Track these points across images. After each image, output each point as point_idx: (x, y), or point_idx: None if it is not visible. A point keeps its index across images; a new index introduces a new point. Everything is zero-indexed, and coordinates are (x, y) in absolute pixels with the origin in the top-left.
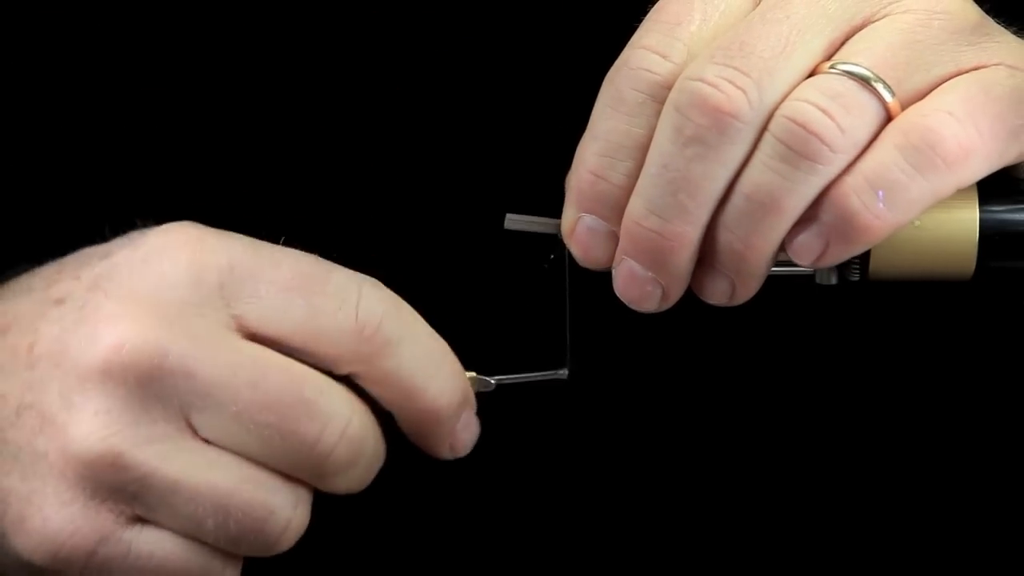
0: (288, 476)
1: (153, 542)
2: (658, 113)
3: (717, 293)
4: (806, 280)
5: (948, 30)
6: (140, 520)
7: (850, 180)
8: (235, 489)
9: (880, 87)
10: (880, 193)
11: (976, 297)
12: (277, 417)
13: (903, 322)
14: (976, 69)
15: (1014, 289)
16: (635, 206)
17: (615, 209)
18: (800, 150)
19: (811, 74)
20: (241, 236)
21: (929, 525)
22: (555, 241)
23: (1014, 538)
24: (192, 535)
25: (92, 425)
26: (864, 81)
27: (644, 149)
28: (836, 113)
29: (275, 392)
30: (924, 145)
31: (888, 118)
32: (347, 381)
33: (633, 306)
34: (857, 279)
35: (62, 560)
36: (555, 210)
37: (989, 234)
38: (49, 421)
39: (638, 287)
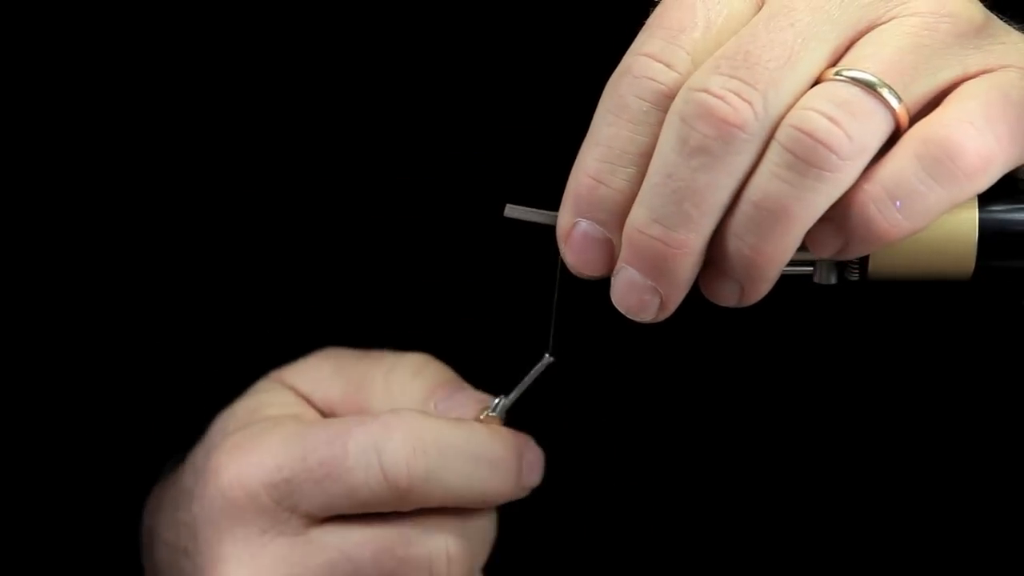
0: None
1: None
2: (661, 121)
3: (726, 296)
4: (806, 280)
5: (954, 33)
6: None
7: (868, 188)
8: None
9: (886, 93)
10: (898, 202)
11: (976, 297)
12: None
13: (903, 322)
14: (984, 73)
15: (1014, 289)
16: (638, 215)
17: (614, 215)
18: (807, 158)
19: (817, 81)
20: (268, 441)
21: (929, 525)
22: (553, 234)
23: (1014, 538)
24: None
25: None
26: (870, 87)
27: (647, 156)
28: (842, 120)
29: (371, 566)
30: (944, 156)
31: (896, 124)
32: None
33: (630, 315)
34: (856, 279)
35: None
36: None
37: (989, 234)
38: None
39: (637, 296)
